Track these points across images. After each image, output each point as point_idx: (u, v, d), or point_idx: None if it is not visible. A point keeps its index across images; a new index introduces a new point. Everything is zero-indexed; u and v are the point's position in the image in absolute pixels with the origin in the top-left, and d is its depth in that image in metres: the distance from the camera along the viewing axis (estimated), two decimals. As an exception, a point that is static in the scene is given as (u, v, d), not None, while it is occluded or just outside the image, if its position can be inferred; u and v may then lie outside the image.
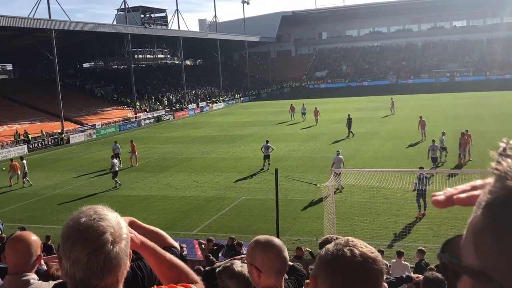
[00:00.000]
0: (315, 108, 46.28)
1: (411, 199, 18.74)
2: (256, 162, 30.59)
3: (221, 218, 20.13)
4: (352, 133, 37.55)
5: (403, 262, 12.11)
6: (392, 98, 52.48)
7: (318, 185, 19.47)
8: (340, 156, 23.34)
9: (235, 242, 13.67)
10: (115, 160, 26.98)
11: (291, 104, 52.40)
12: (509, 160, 0.68)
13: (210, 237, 14.90)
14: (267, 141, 29.12)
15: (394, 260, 12.22)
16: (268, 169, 27.46)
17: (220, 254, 13.64)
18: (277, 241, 2.62)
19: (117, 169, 26.74)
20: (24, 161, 28.55)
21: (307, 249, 12.84)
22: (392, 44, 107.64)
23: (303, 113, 49.17)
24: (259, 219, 19.41)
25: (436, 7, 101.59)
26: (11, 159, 30.74)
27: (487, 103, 52.88)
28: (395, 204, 19.41)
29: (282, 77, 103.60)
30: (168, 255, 2.06)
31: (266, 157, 28.34)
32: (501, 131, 32.18)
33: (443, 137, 26.99)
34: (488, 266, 0.64)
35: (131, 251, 1.58)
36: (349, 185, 19.52)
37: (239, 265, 2.97)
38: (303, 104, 50.62)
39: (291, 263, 3.83)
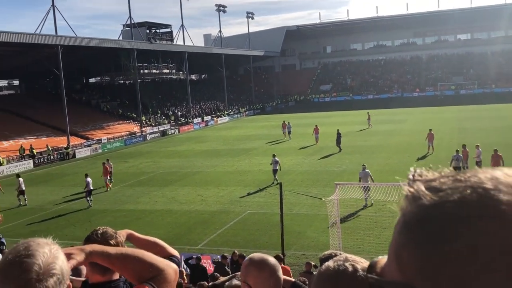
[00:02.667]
0: (315, 126, 43.24)
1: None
2: (261, 176, 30.56)
3: (225, 232, 20.07)
4: (340, 148, 37.47)
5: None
6: (368, 112, 52.50)
7: (323, 199, 19.39)
8: (366, 170, 22.96)
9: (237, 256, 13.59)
10: (89, 179, 26.15)
11: (284, 121, 49.24)
12: (418, 183, 0.76)
13: (225, 254, 14.80)
14: (274, 155, 28.97)
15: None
16: (275, 183, 27.08)
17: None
18: (271, 260, 2.60)
19: (91, 188, 26.12)
20: (21, 179, 27.51)
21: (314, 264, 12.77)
22: (397, 58, 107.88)
23: (289, 132, 46.76)
24: (264, 234, 19.34)
25: (440, 21, 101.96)
26: None
27: (493, 116, 52.77)
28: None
29: (287, 90, 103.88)
30: (128, 250, 1.98)
31: (275, 171, 28.12)
32: (508, 144, 32.06)
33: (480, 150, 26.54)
34: (411, 278, 0.70)
35: (70, 284, 1.51)
36: (354, 199, 19.43)
37: (234, 283, 2.96)
38: (288, 122, 48.14)
39: (292, 280, 3.80)
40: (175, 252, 2.55)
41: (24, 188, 27.36)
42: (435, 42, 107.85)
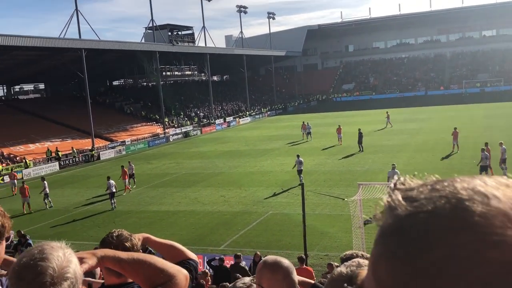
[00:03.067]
0: (338, 125, 42.53)
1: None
2: (283, 176, 30.49)
3: (248, 233, 20.06)
4: (362, 147, 37.07)
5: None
6: (387, 112, 51.73)
7: (346, 199, 19.24)
8: (396, 170, 22.68)
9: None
10: (112, 181, 26.27)
11: (303, 122, 48.56)
12: (397, 192, 0.74)
13: (238, 253, 14.82)
14: (298, 156, 28.88)
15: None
16: (301, 183, 26.85)
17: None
18: (285, 262, 2.58)
19: (114, 190, 26.20)
20: (45, 182, 27.79)
21: (336, 264, 12.65)
22: (420, 55, 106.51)
23: (308, 133, 45.82)
24: (287, 234, 19.27)
25: (464, 17, 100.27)
26: (22, 182, 29.44)
27: (520, 113, 51.63)
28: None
29: (309, 90, 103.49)
30: (139, 255, 1.98)
31: (300, 172, 27.96)
32: (535, 142, 31.29)
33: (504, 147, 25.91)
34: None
35: None
36: (377, 198, 19.21)
37: (242, 282, 2.94)
38: (308, 123, 47.20)
39: (312, 282, 3.75)
40: (193, 256, 2.54)
41: (48, 191, 27.60)
42: (459, 39, 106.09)
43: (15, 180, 33.76)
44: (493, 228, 0.63)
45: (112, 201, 26.18)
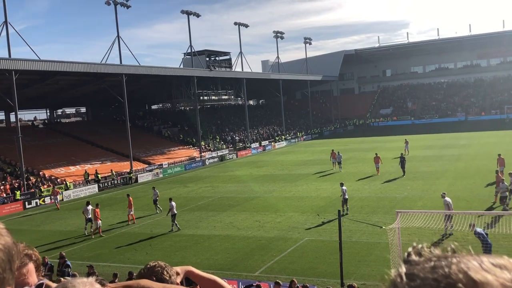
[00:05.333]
0: (376, 154, 39.63)
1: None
2: (319, 201, 30.16)
3: (283, 259, 19.80)
4: (404, 171, 36.55)
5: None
6: (406, 139, 50.28)
7: (384, 227, 18.82)
8: (446, 198, 21.79)
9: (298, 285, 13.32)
10: (173, 203, 26.37)
11: (333, 150, 45.48)
12: (403, 267, 0.79)
13: (278, 281, 14.55)
14: (342, 184, 27.16)
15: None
16: (346, 213, 25.47)
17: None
18: None
19: (175, 212, 26.20)
20: (90, 207, 27.28)
21: None
22: (460, 80, 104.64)
23: (339, 162, 42.16)
24: (323, 262, 18.93)
25: (505, 41, 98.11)
26: (96, 205, 27.98)
27: None
28: (466, 248, 18.29)
29: (345, 114, 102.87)
30: (170, 286, 1.98)
31: (345, 201, 26.34)
32: None
33: None
34: None
35: None
36: (416, 227, 18.71)
37: None
38: (338, 152, 43.46)
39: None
40: None
41: (90, 216, 27.07)
42: (500, 64, 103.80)
43: (58, 196, 37.43)
44: None
45: (174, 223, 25.95)
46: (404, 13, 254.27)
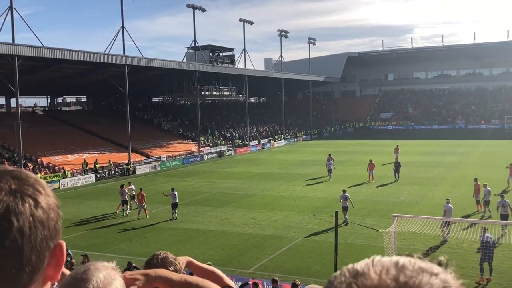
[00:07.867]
0: (370, 160, 38.00)
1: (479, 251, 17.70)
2: (316, 202, 30.20)
3: (278, 257, 19.85)
4: (398, 177, 36.47)
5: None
6: (397, 145, 48.63)
7: (380, 230, 18.86)
8: (450, 204, 21.61)
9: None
10: (175, 192, 27.44)
11: (329, 155, 40.93)
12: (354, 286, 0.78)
13: (275, 278, 14.48)
14: (344, 191, 25.83)
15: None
16: (346, 223, 24.38)
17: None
18: None
19: (176, 201, 27.19)
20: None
21: None
22: (462, 88, 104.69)
23: (329, 170, 39.16)
24: (317, 262, 18.97)
25: (508, 51, 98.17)
26: (140, 189, 28.88)
27: None
28: (461, 255, 18.37)
29: (346, 117, 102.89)
30: (189, 278, 1.99)
31: (345, 209, 24.81)
32: None
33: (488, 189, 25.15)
34: None
35: None
36: (412, 232, 18.75)
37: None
38: (332, 158, 40.12)
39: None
40: (232, 283, 2.51)
41: (126, 198, 28.76)
42: (503, 73, 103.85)
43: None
44: None
45: (174, 210, 27.05)
46: (408, 18, 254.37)
